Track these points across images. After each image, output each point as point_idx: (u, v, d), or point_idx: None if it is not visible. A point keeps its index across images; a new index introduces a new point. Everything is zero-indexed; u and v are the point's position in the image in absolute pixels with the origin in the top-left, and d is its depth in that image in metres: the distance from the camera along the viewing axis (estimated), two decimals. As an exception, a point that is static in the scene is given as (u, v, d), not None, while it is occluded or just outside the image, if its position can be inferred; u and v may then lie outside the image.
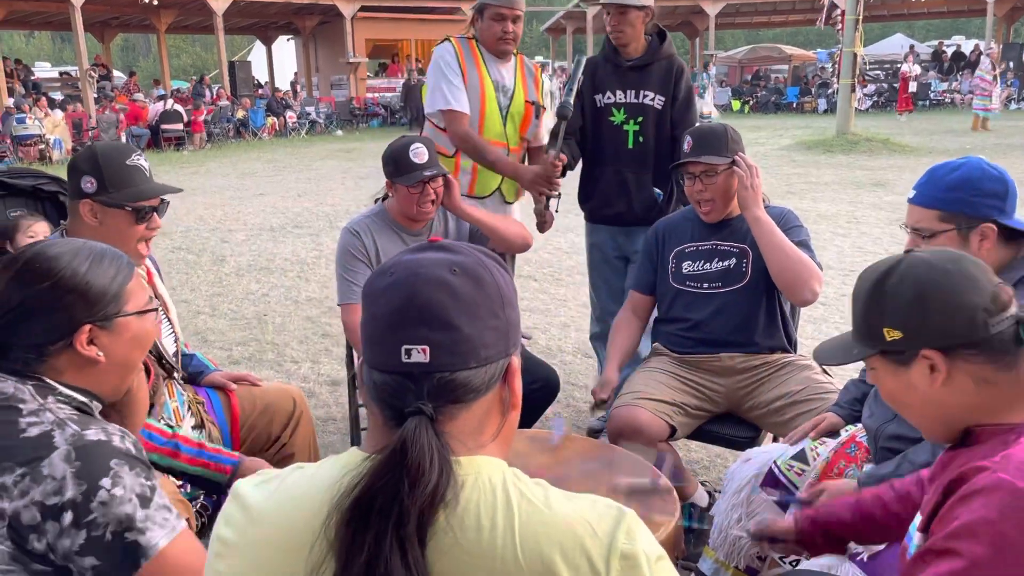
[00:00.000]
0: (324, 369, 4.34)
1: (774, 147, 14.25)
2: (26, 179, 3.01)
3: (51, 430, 1.21)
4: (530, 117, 3.23)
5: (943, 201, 1.76)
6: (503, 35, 3.08)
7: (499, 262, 0.97)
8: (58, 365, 1.31)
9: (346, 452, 0.93)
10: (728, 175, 2.52)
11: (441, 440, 0.86)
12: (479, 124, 3.11)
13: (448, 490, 0.84)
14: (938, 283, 1.19)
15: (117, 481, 1.19)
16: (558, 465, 1.96)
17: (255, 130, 20.10)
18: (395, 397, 0.89)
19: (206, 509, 2.17)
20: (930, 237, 1.78)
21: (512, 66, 3.21)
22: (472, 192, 3.17)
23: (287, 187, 11.43)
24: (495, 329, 0.91)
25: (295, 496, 0.90)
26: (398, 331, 0.89)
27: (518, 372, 0.96)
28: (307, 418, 2.46)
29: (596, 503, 0.89)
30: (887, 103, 23.20)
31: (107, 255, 1.37)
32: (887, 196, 9.12)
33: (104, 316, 1.33)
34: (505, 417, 0.95)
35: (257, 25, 27.76)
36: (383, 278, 0.93)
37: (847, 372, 3.55)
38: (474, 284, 0.91)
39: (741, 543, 2.01)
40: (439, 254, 0.93)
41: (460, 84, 3.08)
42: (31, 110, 16.59)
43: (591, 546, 0.83)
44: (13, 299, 1.29)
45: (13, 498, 1.16)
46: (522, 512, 0.84)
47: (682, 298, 2.62)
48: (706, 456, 3.26)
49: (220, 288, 6.07)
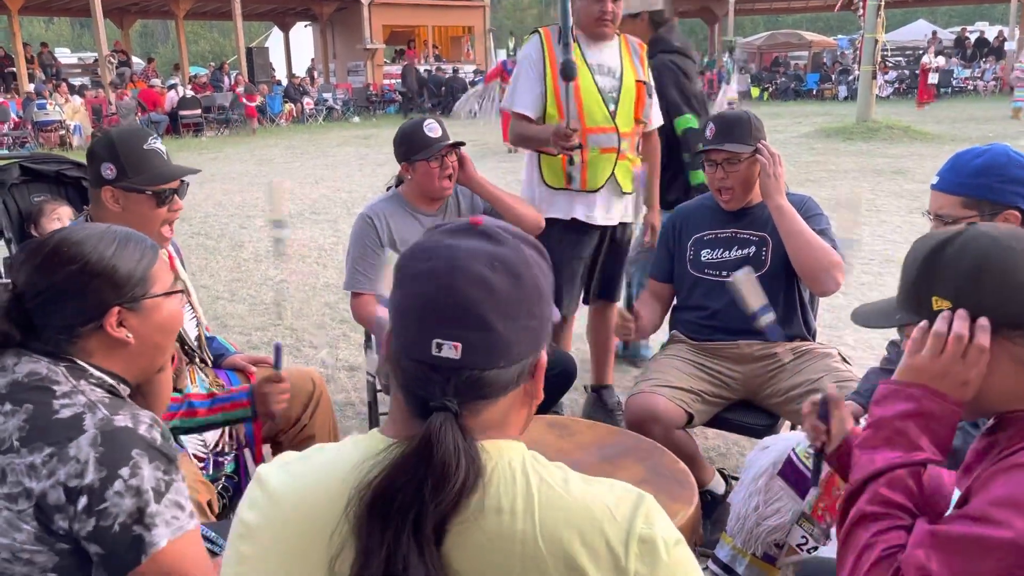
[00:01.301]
0: (342, 354, 4.37)
1: (793, 134, 14.13)
2: (50, 164, 3.04)
3: (82, 412, 1.23)
4: (643, 98, 3.05)
5: (967, 187, 1.75)
6: (600, 15, 2.91)
7: (539, 251, 0.95)
8: (88, 347, 1.33)
9: (368, 434, 0.93)
10: (750, 163, 2.50)
11: (467, 438, 0.85)
12: (579, 112, 2.90)
13: (474, 487, 0.83)
14: (1000, 259, 1.15)
15: (135, 472, 1.20)
16: (577, 451, 1.97)
17: (272, 116, 20.16)
18: (421, 387, 0.88)
19: (227, 491, 2.20)
20: (952, 223, 1.76)
21: (615, 46, 3.04)
22: (584, 187, 3.00)
23: (305, 173, 11.46)
24: (529, 328, 0.89)
25: (318, 479, 0.90)
26: (431, 323, 0.87)
27: (544, 367, 0.95)
28: (326, 401, 2.48)
29: (615, 487, 0.89)
30: (908, 90, 22.92)
31: (132, 239, 1.39)
32: (907, 184, 9.03)
33: (132, 298, 1.35)
34: (529, 409, 0.96)
35: (275, 11, 27.78)
36: (419, 262, 0.90)
37: (866, 361, 3.54)
38: (513, 282, 0.88)
39: (759, 530, 2.01)
40: (481, 243, 0.90)
41: (530, 85, 2.98)
42: (51, 96, 16.72)
43: (610, 530, 0.84)
44: (42, 283, 1.30)
45: (41, 478, 1.18)
46: (542, 496, 0.84)
47: (700, 286, 2.62)
48: (723, 444, 3.26)
49: (239, 274, 6.11)
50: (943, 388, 1.18)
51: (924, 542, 1.07)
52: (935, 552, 1.05)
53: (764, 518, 1.99)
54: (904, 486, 1.17)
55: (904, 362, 1.23)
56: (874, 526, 1.15)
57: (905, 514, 1.15)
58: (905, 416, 1.19)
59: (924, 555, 1.06)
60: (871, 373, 2.20)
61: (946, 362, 1.17)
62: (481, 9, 27.01)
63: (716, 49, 28.63)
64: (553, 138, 2.85)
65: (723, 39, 27.57)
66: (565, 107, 2.85)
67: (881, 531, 1.14)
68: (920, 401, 1.19)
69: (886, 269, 5.68)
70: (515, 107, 3.05)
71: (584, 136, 2.93)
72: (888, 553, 1.11)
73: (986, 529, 1.03)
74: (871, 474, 1.19)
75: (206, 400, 1.96)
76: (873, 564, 1.11)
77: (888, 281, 5.38)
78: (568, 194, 3.03)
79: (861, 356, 3.96)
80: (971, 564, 1.03)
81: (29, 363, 1.28)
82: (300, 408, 2.39)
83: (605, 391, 3.50)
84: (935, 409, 1.18)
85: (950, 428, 1.19)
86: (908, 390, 1.21)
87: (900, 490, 1.17)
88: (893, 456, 1.18)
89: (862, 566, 1.12)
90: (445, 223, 0.96)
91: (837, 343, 4.03)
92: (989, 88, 23.07)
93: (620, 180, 3.05)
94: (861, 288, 5.22)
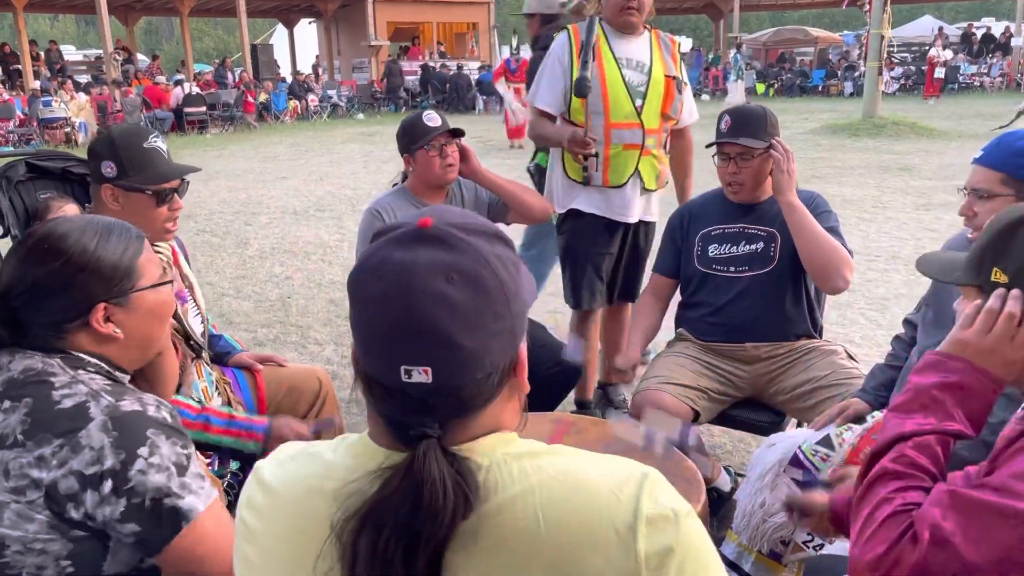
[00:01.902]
0: (348, 351, 4.36)
1: (799, 131, 14.09)
2: (56, 161, 3.04)
3: (86, 401, 1.23)
4: (672, 93, 2.98)
5: (1009, 165, 1.79)
6: (626, 4, 2.87)
7: (498, 237, 0.88)
8: (78, 343, 1.32)
9: (358, 439, 0.90)
10: (763, 159, 2.49)
11: (454, 463, 0.81)
12: (604, 107, 2.88)
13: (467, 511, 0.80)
14: None
15: (154, 450, 1.21)
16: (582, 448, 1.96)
17: (277, 113, 20.17)
18: (398, 414, 0.84)
19: (232, 488, 2.20)
20: (987, 199, 1.80)
21: (646, 40, 2.99)
22: (606, 183, 2.97)
23: (309, 170, 11.47)
24: (500, 332, 0.84)
25: (309, 486, 0.88)
26: (395, 350, 0.81)
27: (525, 362, 0.90)
28: (332, 398, 2.48)
29: (615, 467, 0.86)
30: (915, 86, 22.85)
31: (114, 229, 1.36)
32: (914, 181, 9.00)
33: (119, 292, 1.33)
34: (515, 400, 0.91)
35: (279, 8, 27.77)
36: (372, 280, 0.83)
37: (872, 358, 3.52)
38: (474, 291, 0.82)
39: (765, 527, 2.01)
40: (434, 252, 0.83)
41: (554, 82, 2.97)
42: (56, 93, 16.75)
43: (615, 513, 0.81)
44: (27, 279, 1.29)
45: (51, 468, 1.18)
46: (543, 488, 0.82)
47: (708, 282, 2.61)
48: (729, 441, 3.25)
49: (244, 271, 6.12)
50: (987, 365, 1.18)
51: (942, 502, 1.07)
52: (952, 512, 1.06)
53: (770, 515, 1.99)
54: (931, 452, 1.16)
55: (952, 334, 1.23)
56: (894, 483, 1.15)
57: (927, 478, 1.15)
58: (944, 387, 1.19)
59: (940, 513, 1.06)
60: (877, 370, 2.20)
61: (994, 340, 1.18)
62: (485, 6, 26.96)
63: (721, 45, 28.56)
64: (568, 143, 2.85)
65: (728, 35, 27.51)
66: (585, 116, 2.84)
67: (900, 488, 1.14)
68: (961, 375, 1.19)
69: (891, 266, 5.66)
70: (536, 102, 3.05)
71: (608, 131, 2.91)
72: (904, 509, 1.11)
73: (1005, 499, 1.04)
74: (899, 435, 1.18)
75: (224, 419, 1.96)
76: (888, 517, 1.11)
77: (894, 278, 5.37)
78: (589, 188, 3.01)
79: (867, 353, 3.95)
80: (985, 530, 1.03)
81: (23, 359, 1.28)
82: (306, 407, 2.40)
83: (612, 388, 3.50)
84: (975, 384, 1.18)
85: (987, 405, 1.19)
86: (951, 362, 1.20)
87: (926, 454, 1.16)
88: (925, 422, 1.18)
89: (876, 518, 1.12)
90: (390, 226, 0.88)
91: (843, 340, 4.02)
92: (996, 84, 22.96)
93: (644, 177, 3.01)
94: (867, 285, 5.20)
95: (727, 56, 26.48)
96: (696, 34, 45.28)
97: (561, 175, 3.08)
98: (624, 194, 3.00)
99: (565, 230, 3.13)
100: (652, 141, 2.97)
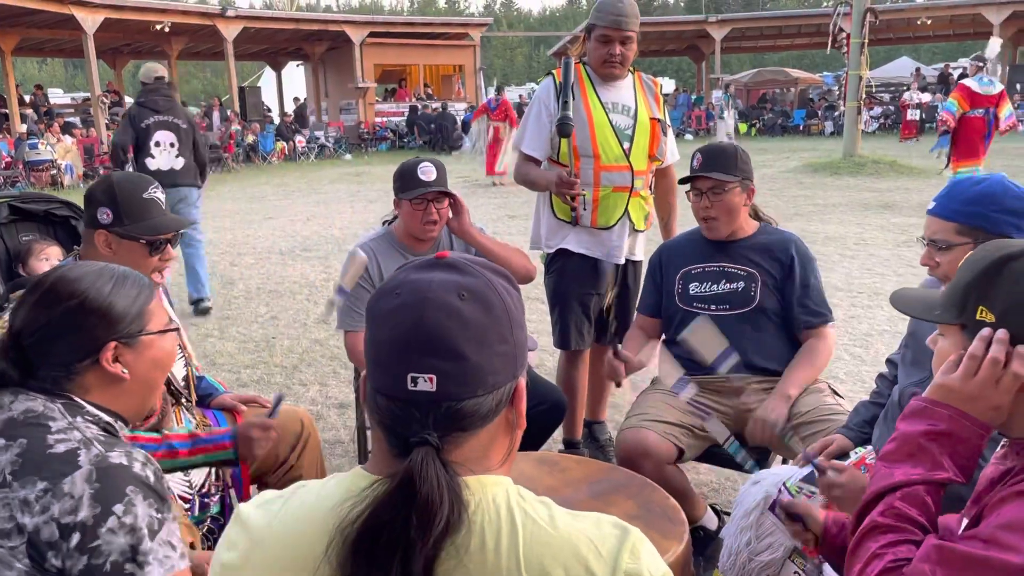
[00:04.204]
0: (332, 392, 4.34)
1: (781, 169, 14.28)
2: (38, 204, 3.03)
3: (77, 448, 1.23)
4: (658, 135, 3.04)
5: (962, 214, 1.77)
6: (609, 58, 2.93)
7: (508, 278, 0.96)
8: (85, 383, 1.34)
9: (351, 472, 0.93)
10: (735, 193, 2.53)
11: (449, 471, 0.84)
12: (592, 149, 2.92)
13: (458, 522, 0.83)
14: None
15: (129, 509, 1.19)
16: (566, 487, 1.95)
17: (264, 154, 20.25)
18: (400, 424, 0.88)
19: (212, 532, 2.17)
20: (946, 249, 1.78)
21: (630, 83, 3.05)
22: (595, 224, 3.00)
23: (296, 211, 11.49)
24: (503, 355, 0.89)
25: (299, 518, 0.89)
26: (404, 358, 0.87)
27: (524, 393, 0.94)
28: (315, 440, 2.46)
29: (600, 522, 0.89)
30: (893, 125, 23.23)
31: (129, 277, 1.42)
32: (894, 218, 9.11)
33: (128, 334, 1.37)
34: (511, 438, 0.95)
35: (267, 51, 28.08)
36: (389, 299, 0.90)
37: (856, 395, 3.54)
38: (483, 309, 0.88)
39: (751, 566, 1.99)
40: (447, 275, 0.91)
41: (539, 128, 3.01)
42: (42, 136, 16.77)
43: (595, 566, 0.83)
44: (40, 320, 1.32)
45: (35, 514, 1.17)
46: (526, 532, 0.84)
47: (689, 320, 2.61)
48: (715, 479, 3.23)
49: (229, 311, 6.09)
50: (972, 411, 1.15)
51: (931, 557, 1.06)
52: (940, 568, 1.05)
53: (756, 553, 1.98)
54: (920, 502, 1.15)
55: (937, 380, 1.20)
56: (884, 538, 1.13)
57: (917, 529, 1.13)
58: (930, 436, 1.17)
59: (929, 569, 1.05)
60: (861, 407, 2.20)
61: (978, 386, 1.14)
62: (471, 48, 27.34)
63: (704, 86, 29.04)
64: (555, 186, 2.88)
65: (711, 76, 27.99)
66: (568, 157, 2.87)
67: (891, 543, 1.12)
68: (948, 422, 1.16)
69: (874, 302, 5.70)
70: (523, 147, 3.09)
71: (597, 174, 2.95)
72: (895, 565, 1.10)
73: (993, 552, 1.02)
74: (888, 487, 1.17)
75: (187, 441, 1.93)
76: (879, 574, 1.10)
77: (877, 314, 5.41)
78: (578, 227, 3.03)
79: (851, 389, 3.96)
80: None
81: (26, 401, 1.29)
82: (287, 449, 2.37)
83: (597, 426, 3.49)
84: (961, 432, 1.15)
85: (975, 451, 1.16)
86: (936, 409, 1.18)
87: (915, 505, 1.15)
88: (913, 472, 1.16)
89: (868, 574, 1.11)
90: (411, 260, 0.97)
91: (827, 376, 4.02)
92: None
93: (633, 218, 3.04)
94: (851, 321, 5.23)
95: (710, 96, 26.91)
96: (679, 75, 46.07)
97: (548, 215, 3.10)
98: (614, 235, 3.03)
99: (554, 270, 3.14)
100: (640, 183, 3.01)
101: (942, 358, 1.23)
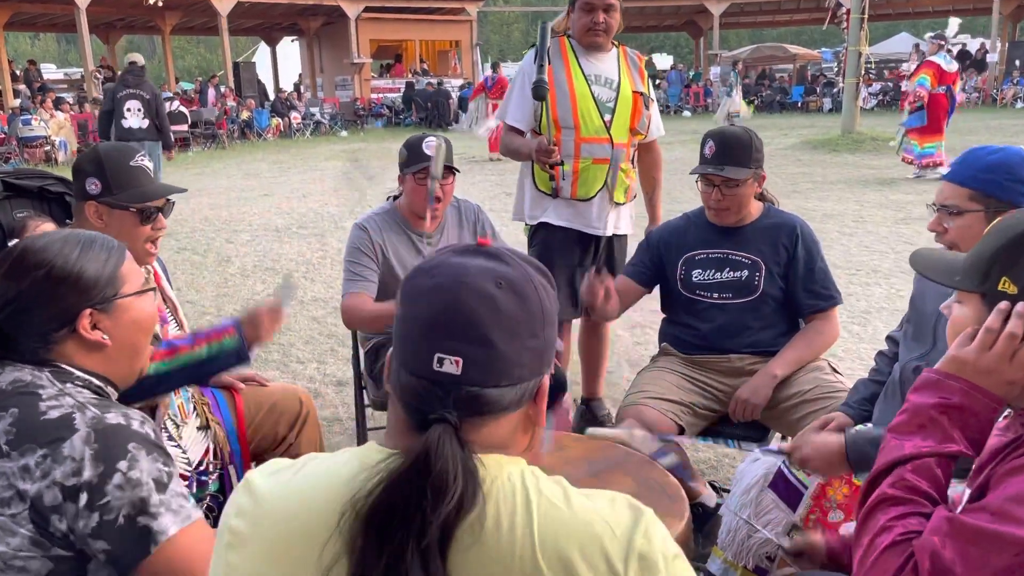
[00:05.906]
0: (330, 369, 4.34)
1: (779, 146, 14.21)
2: (32, 180, 3.00)
3: (71, 412, 1.23)
4: (640, 109, 3.04)
5: (977, 180, 1.78)
6: (592, 26, 2.93)
7: (547, 276, 0.94)
8: (66, 352, 1.33)
9: (364, 446, 0.92)
10: (748, 185, 2.46)
11: (465, 450, 0.84)
12: (574, 121, 2.94)
13: (472, 499, 0.82)
14: None
15: (134, 464, 1.20)
16: (565, 465, 1.95)
17: (260, 131, 20.12)
18: (421, 402, 0.87)
19: (212, 510, 2.17)
20: (957, 215, 1.79)
21: (614, 57, 3.06)
22: (575, 195, 3.01)
23: (292, 188, 11.43)
24: (532, 349, 0.89)
25: (311, 488, 0.88)
26: (433, 338, 0.86)
27: (547, 392, 0.94)
28: (313, 418, 2.45)
29: (615, 501, 0.89)
30: (892, 102, 23.15)
31: (97, 240, 1.38)
32: (893, 195, 9.09)
33: (103, 299, 1.35)
34: (531, 435, 0.95)
35: (261, 26, 27.79)
36: (425, 278, 0.90)
37: (855, 372, 3.54)
38: (518, 301, 0.88)
39: (750, 543, 2.00)
40: (487, 262, 0.90)
41: (523, 99, 3.01)
42: (36, 112, 16.64)
43: (609, 546, 0.83)
44: (9, 293, 1.30)
45: (35, 479, 1.18)
46: (541, 511, 0.84)
47: (691, 306, 2.60)
48: (714, 456, 3.24)
49: (226, 289, 6.07)
50: (986, 385, 1.14)
51: (941, 529, 1.06)
52: (950, 540, 1.04)
53: (755, 530, 1.98)
54: (930, 474, 1.14)
55: (950, 353, 1.19)
56: (894, 510, 1.13)
57: (927, 501, 1.13)
58: (941, 408, 1.16)
59: (939, 541, 1.05)
60: (860, 384, 2.20)
61: (993, 360, 1.13)
62: (468, 24, 27.11)
63: (702, 62, 28.84)
64: (535, 154, 2.88)
65: (709, 52, 27.79)
66: (548, 127, 2.88)
67: (900, 515, 1.12)
68: (960, 395, 1.15)
69: (872, 279, 5.70)
70: (507, 119, 3.10)
71: (578, 145, 2.96)
72: (904, 538, 1.09)
73: (1005, 526, 1.02)
74: (898, 459, 1.16)
75: (187, 338, 1.91)
76: (888, 546, 1.10)
77: (875, 291, 5.40)
78: (559, 200, 3.04)
79: (850, 367, 3.96)
80: (985, 556, 1.02)
81: (12, 372, 1.28)
82: (286, 427, 2.37)
83: (595, 403, 3.49)
84: (974, 405, 1.14)
85: (987, 424, 1.15)
86: (949, 382, 1.17)
87: (925, 477, 1.14)
88: (924, 444, 1.15)
89: (876, 547, 1.11)
90: (451, 245, 0.96)
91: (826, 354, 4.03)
92: (972, 100, 23.30)
93: (614, 193, 3.05)
94: (849, 299, 5.22)
95: (708, 73, 26.74)
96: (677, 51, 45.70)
97: (530, 187, 3.11)
98: (594, 207, 3.03)
99: (536, 243, 3.14)
100: (621, 155, 3.01)
101: (956, 325, 1.21)
